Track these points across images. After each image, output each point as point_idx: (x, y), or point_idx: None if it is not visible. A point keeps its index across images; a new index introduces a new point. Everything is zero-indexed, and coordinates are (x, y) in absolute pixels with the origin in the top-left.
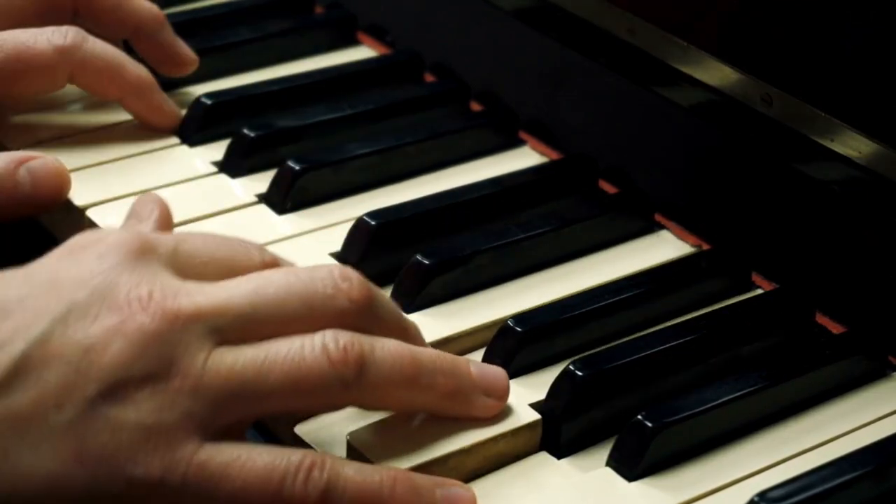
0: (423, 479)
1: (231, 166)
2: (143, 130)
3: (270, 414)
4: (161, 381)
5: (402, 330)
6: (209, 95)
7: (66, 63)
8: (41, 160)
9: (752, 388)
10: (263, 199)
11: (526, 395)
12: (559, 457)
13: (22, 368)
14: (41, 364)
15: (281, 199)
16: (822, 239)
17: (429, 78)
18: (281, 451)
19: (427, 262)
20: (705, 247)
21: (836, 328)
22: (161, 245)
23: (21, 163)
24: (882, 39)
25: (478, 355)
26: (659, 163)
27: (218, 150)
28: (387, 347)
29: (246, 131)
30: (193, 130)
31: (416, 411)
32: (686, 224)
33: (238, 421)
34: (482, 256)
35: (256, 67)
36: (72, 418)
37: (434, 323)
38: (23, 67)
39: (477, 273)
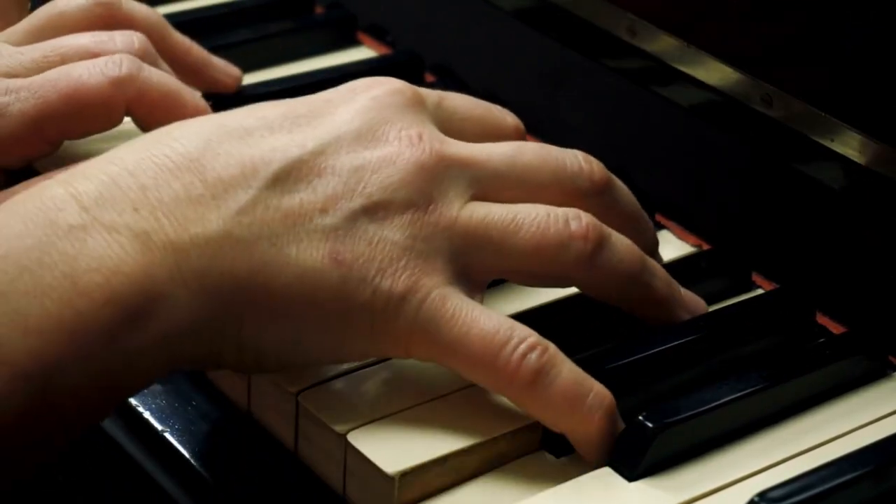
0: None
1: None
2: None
3: (510, 272)
4: (420, 211)
5: (634, 220)
6: (209, 96)
7: (122, 95)
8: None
9: (752, 389)
10: None
11: None
12: (559, 456)
13: (296, 171)
14: (312, 172)
15: None
16: (822, 239)
17: (429, 78)
18: (511, 322)
19: None
20: (705, 247)
21: (836, 328)
22: (428, 98)
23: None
24: (882, 39)
25: None
26: (659, 163)
27: None
28: (622, 239)
29: None
30: None
31: (627, 309)
32: (686, 224)
33: (479, 272)
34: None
35: (256, 67)
36: (335, 224)
37: None
38: (78, 106)
39: None
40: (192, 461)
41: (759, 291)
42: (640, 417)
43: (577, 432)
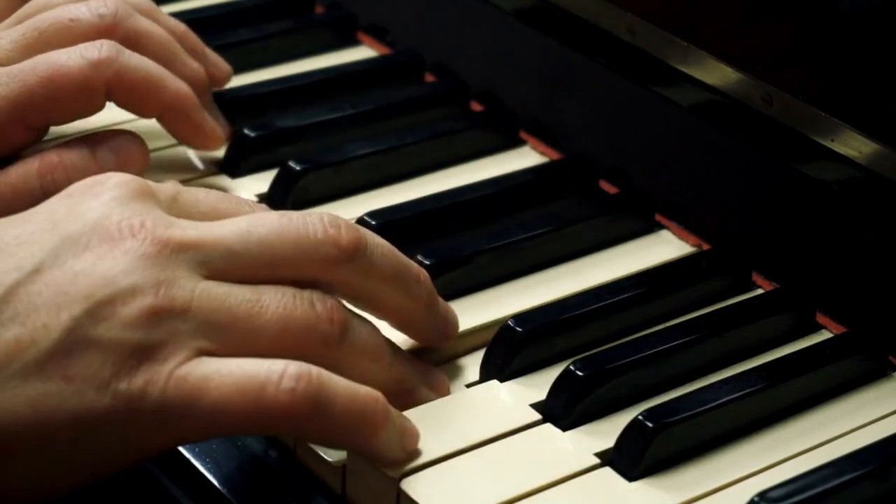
0: (391, 407)
1: (232, 166)
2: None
3: (252, 355)
4: (149, 297)
5: (396, 277)
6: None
7: (101, 77)
8: (118, 137)
9: (752, 389)
10: (264, 199)
11: (526, 396)
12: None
13: (13, 296)
14: (32, 293)
15: (282, 200)
16: (822, 239)
17: (429, 78)
18: (263, 361)
19: (427, 263)
20: (705, 247)
21: (836, 328)
22: (161, 190)
23: (98, 142)
24: (882, 39)
25: (478, 355)
26: (659, 163)
27: (218, 150)
28: (366, 323)
29: (246, 131)
30: None
31: (371, 386)
32: (686, 224)
33: (221, 354)
34: (482, 256)
35: (256, 67)
36: (59, 338)
37: None
38: (59, 90)
39: (477, 273)
40: (191, 461)
41: (759, 291)
42: (640, 417)
43: (371, 443)
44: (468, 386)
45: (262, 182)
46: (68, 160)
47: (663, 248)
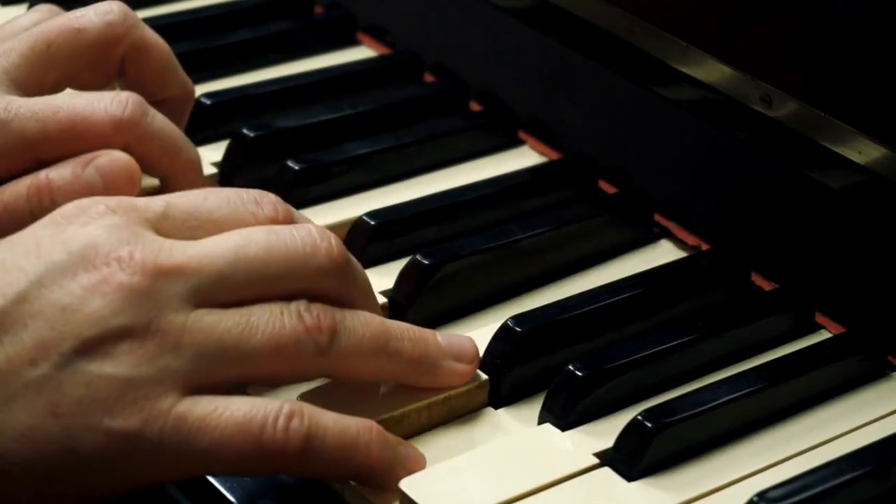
0: (388, 434)
1: (231, 166)
2: None
3: (250, 378)
4: (139, 336)
5: (370, 294)
6: (209, 95)
7: (122, 138)
8: (107, 156)
9: (751, 389)
10: None
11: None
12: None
13: None
14: (17, 323)
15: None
16: (821, 239)
17: (429, 78)
18: (259, 401)
19: (426, 263)
20: (705, 247)
21: (835, 328)
22: (150, 209)
23: (87, 163)
24: (882, 40)
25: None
26: (659, 163)
27: (218, 150)
28: (357, 316)
29: (245, 131)
30: (193, 131)
31: (387, 380)
32: (686, 224)
33: (218, 383)
34: (482, 256)
35: (256, 67)
36: (46, 373)
37: (433, 323)
38: (76, 138)
39: (477, 273)
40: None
41: (759, 291)
42: (640, 417)
43: (364, 474)
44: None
45: (261, 182)
46: (55, 182)
47: (663, 248)
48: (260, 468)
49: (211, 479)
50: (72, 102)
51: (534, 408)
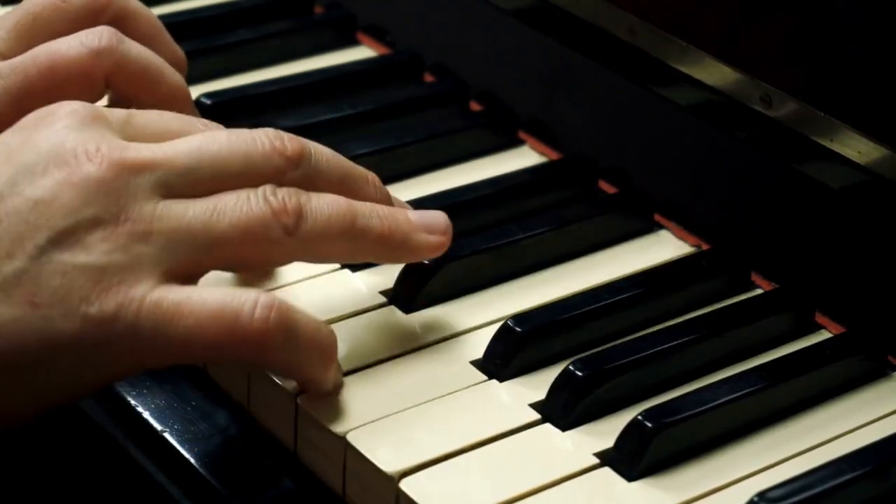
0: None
1: None
2: None
3: (221, 264)
4: (111, 225)
5: (344, 182)
6: (209, 95)
7: (102, 66)
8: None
9: (751, 389)
10: None
11: (526, 396)
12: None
13: None
14: None
15: None
16: (821, 239)
17: (429, 78)
18: (234, 290)
19: (426, 262)
20: (705, 247)
21: (835, 328)
22: (113, 115)
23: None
24: (882, 39)
25: (478, 354)
26: (659, 163)
27: None
28: (323, 198)
29: None
30: None
31: (357, 259)
32: (686, 224)
33: (190, 270)
34: (482, 256)
35: (256, 67)
36: (23, 266)
37: (433, 323)
38: (59, 78)
39: (477, 273)
40: (191, 461)
41: (759, 291)
42: (640, 417)
43: (322, 375)
44: (468, 386)
45: None
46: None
47: (663, 248)
48: (234, 355)
49: (209, 476)
50: (48, 46)
51: (534, 408)
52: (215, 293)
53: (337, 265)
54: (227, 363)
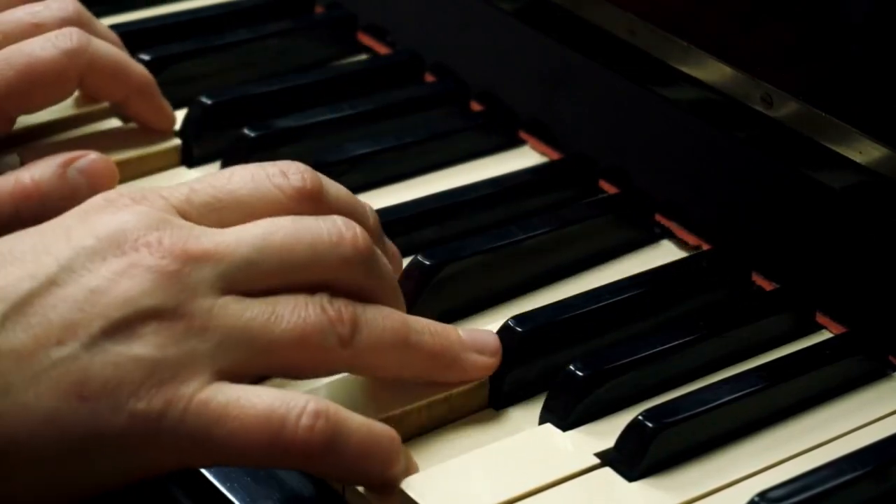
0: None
1: (232, 166)
2: (139, 131)
3: (274, 368)
4: (167, 319)
5: (394, 287)
6: (209, 95)
7: (75, 66)
8: (86, 157)
9: (752, 389)
10: None
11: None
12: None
13: (27, 306)
14: (45, 304)
15: None
16: (822, 239)
17: (429, 78)
18: (286, 394)
19: (427, 263)
20: (706, 247)
21: (836, 328)
22: (174, 196)
23: (67, 165)
24: (883, 40)
25: None
26: (659, 163)
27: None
28: (379, 310)
29: (246, 131)
30: (194, 130)
31: (410, 377)
32: (686, 224)
33: (243, 370)
34: (482, 257)
35: (256, 67)
36: (74, 353)
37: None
38: (36, 80)
39: (477, 273)
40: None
41: (759, 291)
42: (640, 417)
43: (381, 480)
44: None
45: None
46: (43, 187)
47: (663, 248)
48: (277, 463)
49: (212, 478)
50: (20, 47)
51: (534, 408)
52: (266, 396)
53: None
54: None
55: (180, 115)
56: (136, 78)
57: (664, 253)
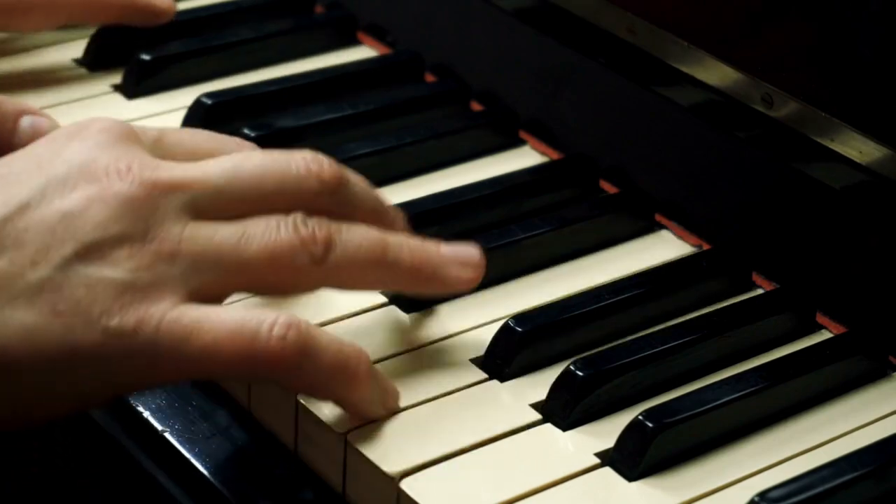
0: (374, 366)
1: None
2: None
3: (246, 288)
4: (138, 243)
5: (376, 213)
6: (209, 95)
7: None
8: (47, 119)
9: (752, 389)
10: None
11: (526, 396)
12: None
13: (1, 233)
14: (19, 229)
15: None
16: (822, 239)
17: (429, 78)
18: (255, 310)
19: None
20: (705, 247)
21: (836, 328)
22: (145, 134)
23: (24, 113)
24: (882, 39)
25: (478, 354)
26: (659, 163)
27: None
28: (354, 229)
29: (246, 131)
30: None
31: (388, 289)
32: (686, 224)
33: (214, 291)
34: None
35: (256, 67)
36: (48, 275)
37: (434, 323)
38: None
39: None
40: (192, 461)
41: (759, 291)
42: (640, 417)
43: (352, 395)
44: (468, 386)
45: None
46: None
47: (663, 248)
48: (252, 374)
49: (209, 476)
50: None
51: (535, 408)
52: (235, 312)
53: None
54: (246, 382)
55: (180, 115)
56: None
57: (664, 252)
